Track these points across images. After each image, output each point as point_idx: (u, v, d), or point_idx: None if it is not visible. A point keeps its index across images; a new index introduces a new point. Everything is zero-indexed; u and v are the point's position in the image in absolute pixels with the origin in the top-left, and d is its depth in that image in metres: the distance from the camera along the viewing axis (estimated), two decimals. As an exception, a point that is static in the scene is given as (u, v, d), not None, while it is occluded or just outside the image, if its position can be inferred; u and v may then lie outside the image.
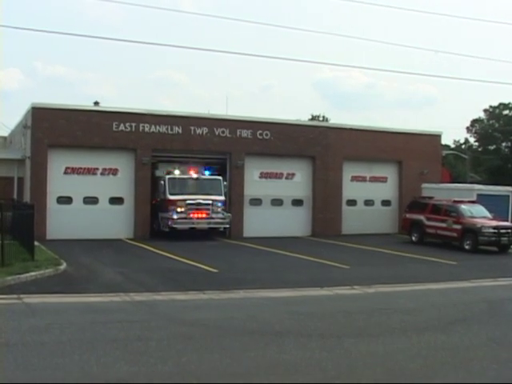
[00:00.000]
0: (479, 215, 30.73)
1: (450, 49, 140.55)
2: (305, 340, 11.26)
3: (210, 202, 31.37)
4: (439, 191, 34.62)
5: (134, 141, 31.15)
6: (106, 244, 27.30)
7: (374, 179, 37.82)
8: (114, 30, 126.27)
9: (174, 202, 30.73)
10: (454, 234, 30.26)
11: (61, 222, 29.30)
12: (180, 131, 32.18)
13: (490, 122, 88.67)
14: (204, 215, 31.26)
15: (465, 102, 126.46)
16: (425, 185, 36.76)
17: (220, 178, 32.65)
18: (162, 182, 31.33)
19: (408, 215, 33.46)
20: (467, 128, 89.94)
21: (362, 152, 36.38)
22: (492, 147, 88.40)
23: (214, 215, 31.50)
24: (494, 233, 29.25)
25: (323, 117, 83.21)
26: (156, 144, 31.56)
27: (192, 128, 32.43)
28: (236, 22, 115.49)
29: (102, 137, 30.44)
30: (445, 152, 58.56)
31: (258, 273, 20.47)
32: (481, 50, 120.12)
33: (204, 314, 13.69)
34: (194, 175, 32.32)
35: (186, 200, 30.85)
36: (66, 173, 30.27)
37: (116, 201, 31.38)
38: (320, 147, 35.18)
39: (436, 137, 40.68)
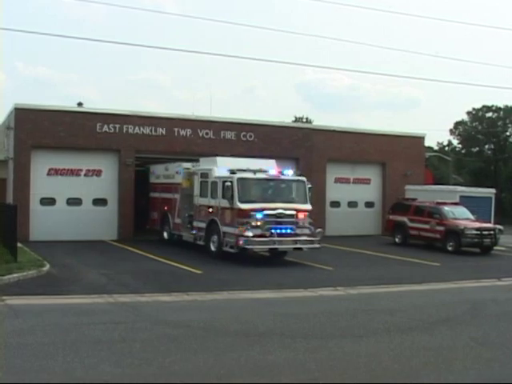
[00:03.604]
0: (462, 217, 30.90)
1: (434, 51, 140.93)
2: (289, 341, 11.29)
3: (294, 212, 23.42)
4: (422, 193, 34.80)
5: (118, 142, 31.06)
6: (90, 245, 27.20)
7: (358, 181, 37.95)
8: (97, 31, 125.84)
9: (246, 213, 22.65)
10: (437, 236, 30.41)
11: (44, 224, 29.17)
12: (164, 132, 32.12)
13: (473, 124, 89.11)
14: (288, 231, 23.16)
15: (448, 105, 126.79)
16: (408, 186, 36.91)
17: (304, 179, 24.96)
18: (228, 184, 23.01)
19: (391, 217, 33.60)
20: (450, 130, 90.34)
21: (346, 154, 36.48)
22: (475, 149, 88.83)
23: (298, 231, 23.39)
24: (477, 234, 29.45)
25: (306, 118, 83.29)
26: (140, 145, 31.47)
27: (176, 129, 32.39)
28: (219, 24, 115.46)
29: (85, 138, 30.33)
30: (428, 154, 58.67)
31: (241, 274, 20.49)
32: (465, 53, 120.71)
33: (188, 315, 13.69)
34: (272, 174, 24.44)
35: (263, 210, 22.87)
36: (49, 174, 30.10)
37: (99, 202, 31.25)
38: (304, 149, 35.23)
39: (419, 139, 40.88)
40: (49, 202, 30.11)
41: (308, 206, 24.06)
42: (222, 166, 24.66)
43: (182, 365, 9.49)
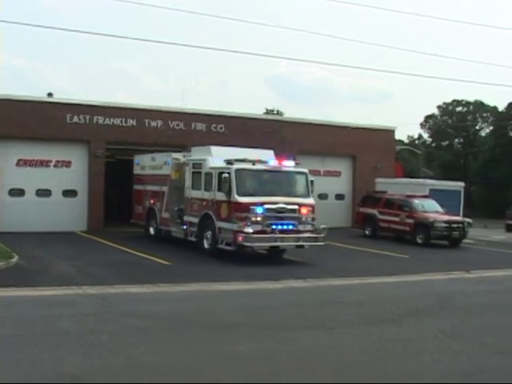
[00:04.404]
0: (431, 210, 31.13)
1: (406, 45, 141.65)
2: (257, 332, 11.32)
3: (296, 207, 21.95)
4: (392, 186, 34.94)
5: (88, 133, 30.82)
6: (59, 237, 26.97)
7: (328, 173, 38.02)
8: (67, 20, 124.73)
9: (245, 208, 21.04)
10: (407, 228, 30.62)
11: (13, 215, 28.84)
12: (134, 124, 31.94)
13: (444, 118, 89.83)
14: (290, 227, 21.75)
15: (419, 98, 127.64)
16: (378, 179, 37.05)
17: (306, 170, 23.36)
18: (225, 176, 21.35)
19: (361, 209, 33.75)
20: (421, 124, 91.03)
21: (317, 146, 36.51)
22: (445, 143, 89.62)
23: (301, 227, 21.96)
24: (446, 227, 29.71)
25: (277, 111, 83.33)
26: (110, 136, 31.27)
27: (146, 121, 32.23)
28: (192, 16, 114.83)
29: (55, 129, 30.04)
30: (398, 147, 59.06)
31: (211, 265, 20.45)
32: (436, 47, 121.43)
33: (157, 307, 13.66)
34: (273, 165, 22.61)
35: (263, 204, 21.28)
36: (18, 165, 29.77)
37: (69, 193, 31.00)
38: (275, 141, 35.13)
39: (390, 132, 41.11)
40: (18, 193, 29.81)
41: (311, 201, 22.61)
42: (216, 156, 23.03)
43: (150, 356, 9.45)
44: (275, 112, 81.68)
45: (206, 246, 22.56)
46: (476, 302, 15.90)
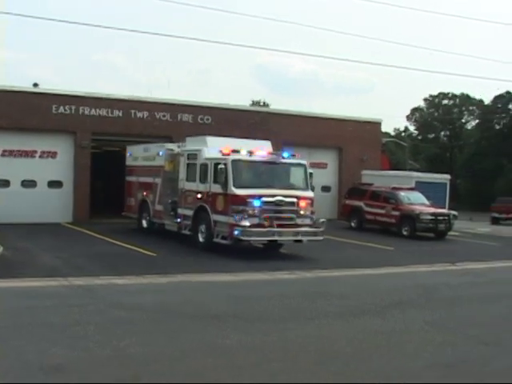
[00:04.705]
0: (417, 202, 31.25)
1: (393, 37, 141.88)
2: (242, 323, 11.34)
3: (295, 200, 21.35)
4: (379, 178, 35.04)
5: (74, 124, 30.71)
6: (45, 228, 26.87)
7: (314, 165, 37.77)
8: (52, 10, 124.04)
9: (242, 200, 20.35)
10: (393, 221, 30.73)
11: (-3, 206, 28.74)
12: (120, 114, 31.87)
13: (430, 110, 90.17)
14: (288, 221, 21.11)
15: (405, 91, 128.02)
16: (364, 171, 37.13)
17: (305, 162, 23.11)
18: (221, 167, 20.63)
19: (348, 201, 33.83)
20: (407, 116, 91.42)
21: (303, 138, 36.43)
22: (431, 136, 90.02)
23: (299, 221, 21.34)
24: (432, 219, 29.84)
25: (264, 102, 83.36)
26: (96, 127, 31.15)
27: (132, 111, 32.17)
28: (178, 6, 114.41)
29: (40, 119, 29.91)
30: (385, 139, 59.26)
31: (197, 257, 20.43)
32: (423, 40, 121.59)
33: (143, 298, 13.65)
34: (269, 157, 21.99)
35: (260, 196, 20.60)
36: (3, 155, 29.62)
37: (55, 184, 30.89)
38: (261, 132, 35.10)
39: (376, 124, 41.22)
40: (3, 183, 29.65)
41: (310, 193, 22.12)
42: (212, 147, 22.21)
43: (136, 347, 9.45)
44: (262, 104, 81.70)
45: (200, 239, 21.86)
46: (460, 294, 15.98)
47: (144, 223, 26.78)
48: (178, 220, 23.39)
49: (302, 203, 21.45)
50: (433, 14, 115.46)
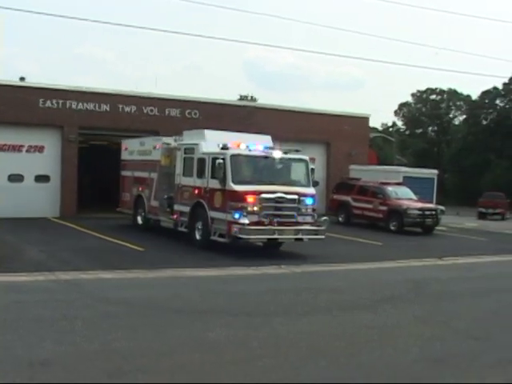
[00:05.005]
0: (405, 197, 31.32)
1: (381, 33, 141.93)
2: (231, 318, 11.28)
3: (296, 197, 20.38)
4: (366, 173, 35.08)
5: (61, 118, 30.55)
6: (32, 222, 26.76)
7: (302, 160, 37.95)
8: (37, 3, 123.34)
9: (241, 197, 19.52)
10: (380, 215, 30.77)
11: (-16, 200, 28.57)
12: (108, 109, 31.74)
13: (418, 106, 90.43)
14: (288, 219, 20.18)
15: (393, 86, 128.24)
16: (352, 166, 37.15)
17: (306, 158, 22.05)
18: (219, 162, 19.71)
19: (335, 196, 33.86)
20: (395, 111, 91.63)
21: (291, 132, 36.30)
22: (419, 131, 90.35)
23: (300, 219, 20.45)
24: (419, 214, 29.92)
25: (251, 97, 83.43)
26: (83, 121, 31.00)
27: (120, 106, 32.04)
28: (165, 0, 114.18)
29: (27, 113, 29.71)
30: (373, 134, 59.35)
31: (184, 252, 20.35)
32: (411, 35, 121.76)
33: (130, 293, 13.57)
34: (271, 152, 21.00)
35: (260, 193, 19.77)
36: (-11, 150, 29.50)
37: (42, 179, 30.72)
38: (248, 127, 35.01)
39: (364, 119, 41.26)
40: (-11, 178, 29.51)
41: (312, 190, 21.04)
42: (210, 141, 21.40)
43: (123, 342, 9.39)
44: (249, 98, 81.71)
45: (197, 237, 21.01)
46: (449, 289, 16.00)
47: (139, 219, 25.97)
48: (174, 216, 22.60)
49: (304, 200, 20.50)
50: (422, 9, 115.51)
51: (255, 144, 21.05)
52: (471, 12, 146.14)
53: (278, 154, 20.81)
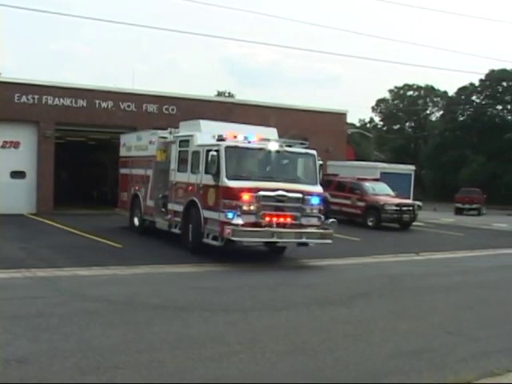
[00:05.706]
0: (382, 193, 31.49)
1: (358, 28, 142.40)
2: (209, 314, 11.28)
3: (300, 196, 17.91)
4: (344, 169, 35.20)
5: (37, 113, 30.41)
6: (7, 219, 26.58)
7: (280, 156, 37.96)
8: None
9: (236, 194, 17.22)
10: (358, 211, 30.92)
11: (-41, 197, 28.35)
12: (85, 104, 31.62)
13: (395, 102, 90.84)
14: (289, 220, 17.73)
15: (371, 82, 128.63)
16: (330, 162, 37.18)
17: (314, 152, 19.43)
18: (213, 154, 17.39)
19: (313, 192, 33.87)
20: (372, 107, 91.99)
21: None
22: (396, 127, 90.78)
23: (304, 221, 18.00)
24: (396, 210, 30.12)
25: (229, 93, 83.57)
26: (60, 117, 30.88)
27: (97, 101, 31.94)
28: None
29: (2, 109, 29.49)
30: (350, 130, 59.54)
31: (161, 248, 20.30)
32: (388, 31, 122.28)
33: (108, 290, 13.51)
34: (272, 145, 18.50)
35: (258, 190, 17.38)
36: (-36, 145, 29.27)
37: (18, 175, 30.56)
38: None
39: (341, 115, 41.38)
40: (-36, 174, 29.29)
41: (319, 189, 18.69)
42: (206, 132, 19.36)
43: (101, 339, 9.36)
44: (227, 94, 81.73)
45: (190, 239, 18.99)
46: (424, 284, 16.13)
47: (136, 221, 23.76)
48: (168, 216, 20.59)
49: (309, 200, 18.15)
50: (399, 5, 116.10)
51: (254, 135, 18.67)
52: (448, 9, 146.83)
53: (273, 145, 18.39)
